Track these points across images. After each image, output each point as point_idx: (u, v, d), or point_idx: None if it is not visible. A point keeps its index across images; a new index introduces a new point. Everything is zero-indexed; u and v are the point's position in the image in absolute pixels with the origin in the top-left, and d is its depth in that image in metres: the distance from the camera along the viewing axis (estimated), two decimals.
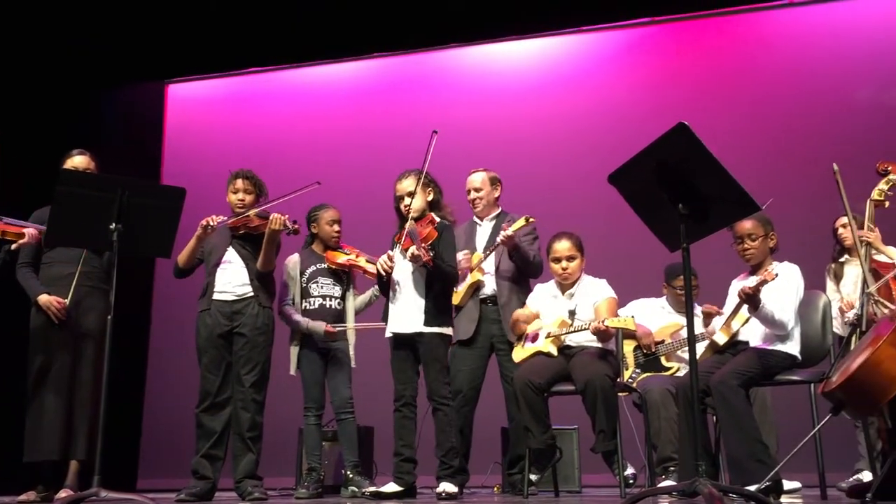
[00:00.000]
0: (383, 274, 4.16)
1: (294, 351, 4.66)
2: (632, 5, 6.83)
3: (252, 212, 4.35)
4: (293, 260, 4.78)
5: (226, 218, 4.36)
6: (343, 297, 4.73)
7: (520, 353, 4.49)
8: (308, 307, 4.68)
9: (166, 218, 3.59)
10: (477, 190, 4.86)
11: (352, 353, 4.69)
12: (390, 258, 4.14)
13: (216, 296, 4.28)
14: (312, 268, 4.73)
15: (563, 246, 4.42)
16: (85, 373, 4.15)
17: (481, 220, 4.89)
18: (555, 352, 4.32)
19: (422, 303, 4.08)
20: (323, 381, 4.68)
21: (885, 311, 3.73)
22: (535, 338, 4.44)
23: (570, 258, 4.41)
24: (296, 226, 4.35)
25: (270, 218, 4.26)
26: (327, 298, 4.69)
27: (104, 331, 3.54)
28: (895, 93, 6.30)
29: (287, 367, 4.65)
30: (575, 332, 4.31)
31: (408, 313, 4.11)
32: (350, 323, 4.73)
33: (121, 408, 5.77)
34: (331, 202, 4.83)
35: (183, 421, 4.64)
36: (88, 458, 4.08)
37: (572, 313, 4.41)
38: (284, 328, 4.65)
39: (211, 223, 4.28)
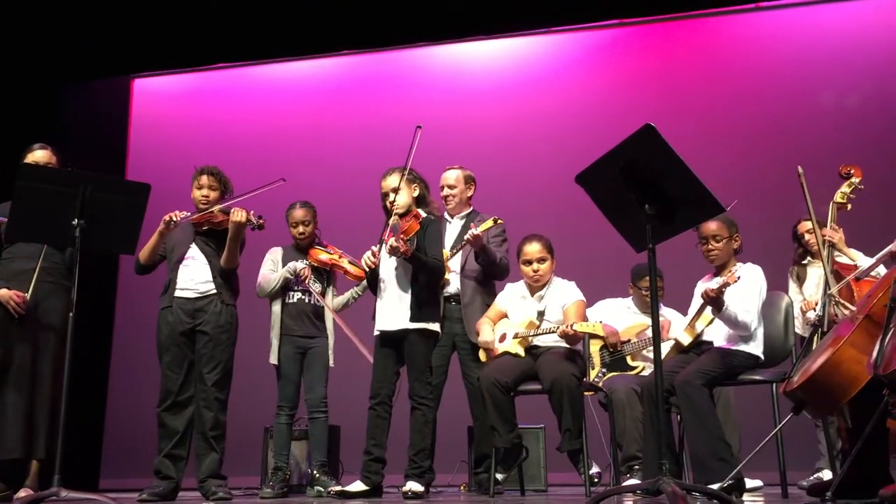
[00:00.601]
0: (366, 269, 4.15)
1: (275, 340, 4.65)
2: (601, 7, 6.87)
3: (216, 207, 4.30)
4: (276, 250, 4.82)
5: (189, 213, 4.30)
6: (323, 294, 4.71)
7: (485, 353, 4.51)
8: (287, 301, 4.69)
9: (130, 214, 3.54)
10: (451, 187, 4.87)
11: (331, 352, 4.67)
12: (374, 254, 4.13)
13: (178, 293, 4.23)
14: (294, 262, 4.73)
15: (533, 248, 4.44)
16: (45, 370, 4.08)
17: (451, 218, 4.90)
18: (522, 352, 4.34)
19: (407, 299, 4.07)
20: (299, 381, 4.66)
21: (846, 312, 3.79)
22: (502, 338, 4.45)
23: (540, 260, 4.43)
24: (261, 220, 4.29)
25: (232, 211, 4.21)
26: (307, 294, 4.68)
27: (65, 327, 3.48)
28: (857, 97, 6.41)
29: (256, 359, 4.61)
30: (542, 333, 4.33)
31: (394, 310, 4.09)
32: (329, 322, 4.72)
33: (83, 406, 5.70)
34: (298, 199, 4.80)
35: (146, 420, 4.57)
36: (49, 456, 4.01)
37: (541, 314, 4.44)
38: (249, 325, 4.60)
39: (173, 218, 4.22)
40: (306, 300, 4.70)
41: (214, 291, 4.23)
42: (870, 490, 2.85)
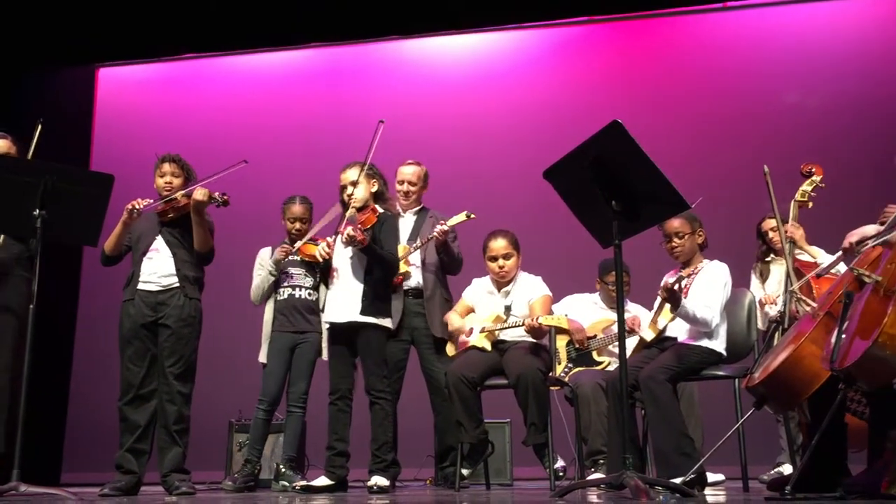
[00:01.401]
0: (320, 260, 4.16)
1: (265, 341, 4.64)
2: (570, 4, 6.90)
3: (178, 193, 4.23)
4: (264, 251, 4.78)
5: (152, 201, 4.24)
6: (316, 289, 4.68)
7: (454, 347, 4.52)
8: (278, 297, 4.68)
9: (94, 205, 3.49)
10: (412, 183, 4.87)
11: (324, 344, 4.62)
12: (329, 245, 4.12)
13: (141, 286, 4.17)
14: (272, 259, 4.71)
15: (499, 244, 4.45)
16: (3, 362, 4.01)
17: (404, 213, 4.90)
18: (489, 347, 4.36)
19: (359, 292, 4.05)
20: (283, 376, 4.63)
21: (807, 308, 3.84)
22: (469, 332, 4.47)
23: (506, 256, 4.45)
24: (224, 196, 4.21)
25: (195, 190, 4.14)
26: (297, 289, 4.67)
27: (25, 320, 3.42)
28: (819, 96, 6.51)
29: (221, 353, 4.58)
30: (509, 328, 4.35)
31: (344, 302, 4.08)
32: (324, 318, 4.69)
33: (44, 399, 5.61)
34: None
35: (109, 413, 4.51)
36: (8, 450, 3.94)
37: (508, 309, 4.46)
38: (216, 318, 4.57)
39: (136, 206, 4.15)
40: (297, 295, 4.66)
41: (178, 284, 4.17)
42: (828, 484, 2.89)
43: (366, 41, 7.37)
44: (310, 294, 4.67)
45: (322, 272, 4.25)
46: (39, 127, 4.24)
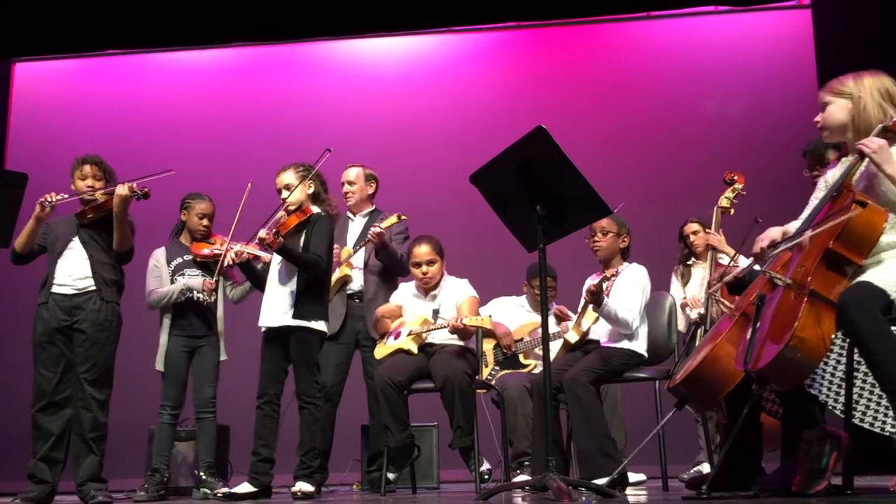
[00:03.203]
0: (229, 263, 4.10)
1: (163, 343, 4.50)
2: (501, 9, 6.94)
3: (98, 193, 4.12)
4: (158, 253, 4.64)
5: (66, 196, 4.10)
6: (215, 290, 4.56)
7: (381, 349, 4.50)
8: (179, 297, 4.52)
9: (7, 204, 3.38)
10: (350, 183, 4.85)
11: (222, 344, 4.55)
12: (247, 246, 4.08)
13: (55, 288, 4.03)
14: (179, 259, 4.58)
15: (422, 250, 4.46)
16: None
17: (354, 216, 4.87)
18: (415, 349, 4.35)
19: (291, 295, 4.00)
20: (184, 380, 4.51)
21: (725, 310, 3.94)
22: (397, 335, 4.45)
23: (429, 262, 4.46)
24: (145, 189, 4.08)
25: (118, 186, 4.01)
26: (194, 291, 4.53)
27: None
28: (740, 105, 6.71)
29: (141, 358, 4.46)
30: (436, 329, 4.35)
31: (277, 305, 4.02)
32: (220, 316, 4.58)
33: None
34: (183, 191, 4.65)
35: (22, 421, 4.36)
36: None
37: (436, 313, 4.47)
38: (135, 323, 4.44)
39: (49, 200, 4.01)
40: (194, 297, 4.53)
41: (94, 288, 4.04)
42: (744, 483, 2.97)
43: (296, 41, 7.29)
44: (208, 295, 4.51)
45: (253, 278, 4.17)
46: None
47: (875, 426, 3.04)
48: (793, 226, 2.91)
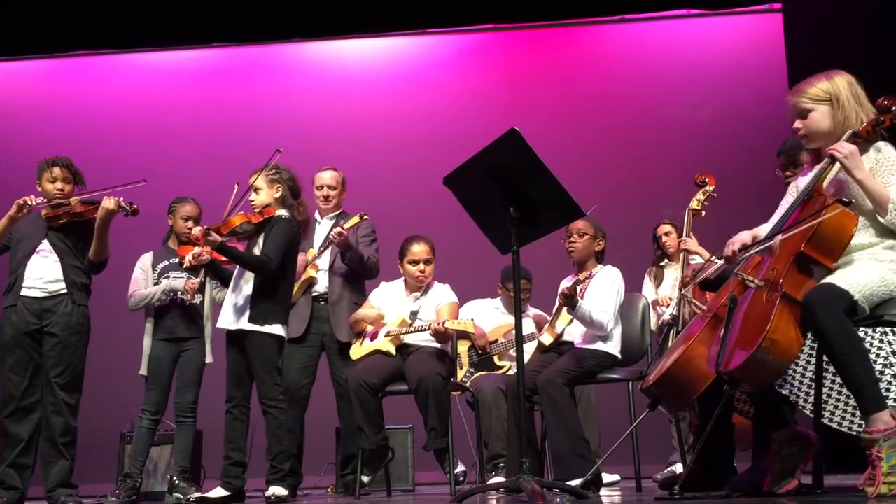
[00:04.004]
0: (188, 263, 4.06)
1: (147, 347, 4.45)
2: (475, 12, 6.95)
3: (74, 199, 4.08)
4: (145, 257, 4.60)
5: (45, 200, 4.07)
6: (201, 290, 4.53)
7: (358, 350, 4.49)
8: (160, 302, 4.48)
9: None
10: (332, 187, 4.83)
11: (208, 347, 4.50)
12: (195, 255, 4.02)
13: (25, 291, 3.98)
14: (164, 262, 4.54)
15: (420, 249, 4.49)
16: None
17: (321, 219, 4.85)
18: (393, 350, 4.35)
19: (248, 299, 3.97)
20: (168, 384, 4.46)
21: (697, 311, 3.98)
22: (374, 336, 4.44)
23: (427, 262, 4.49)
24: (133, 206, 4.10)
25: (104, 198, 4.01)
26: (178, 292, 4.48)
27: None
28: (711, 108, 6.77)
29: (111, 361, 4.41)
30: (414, 331, 4.35)
31: (234, 309, 4.00)
32: (206, 316, 4.54)
33: None
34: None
35: None
36: None
37: (414, 314, 4.47)
38: (106, 326, 4.40)
39: (29, 203, 3.98)
40: (178, 298, 4.47)
41: (65, 291, 4.00)
42: (716, 482, 2.99)
43: (267, 43, 7.24)
44: (191, 297, 4.47)
45: (220, 276, 4.14)
46: None
47: (843, 426, 3.07)
48: (762, 229, 2.93)
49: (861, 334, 2.59)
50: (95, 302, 4.21)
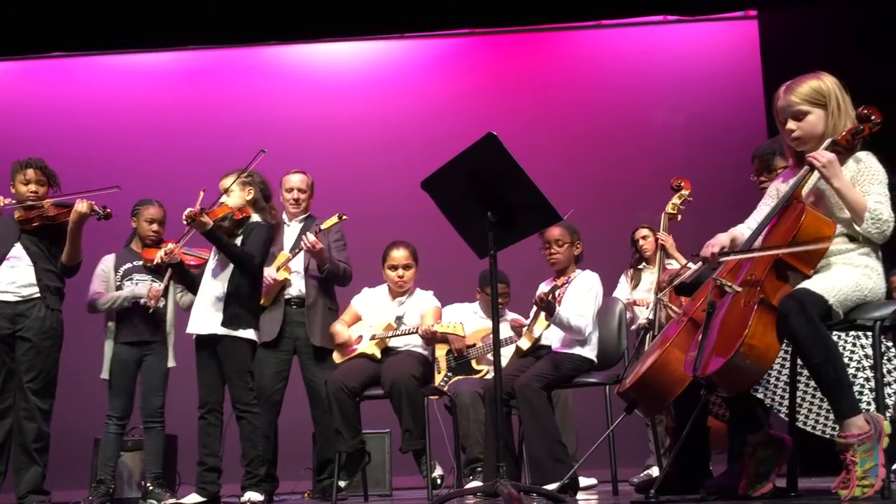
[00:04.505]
0: (160, 260, 4.00)
1: (108, 351, 4.39)
2: (452, 16, 6.95)
3: (47, 202, 4.05)
4: (107, 258, 4.55)
5: (14, 201, 4.03)
6: (165, 295, 4.48)
7: (340, 354, 4.47)
8: (124, 304, 4.42)
9: None
10: (302, 191, 4.81)
11: (171, 351, 4.46)
12: (168, 251, 3.99)
13: None
14: (128, 265, 4.49)
15: (400, 254, 4.48)
16: None
17: (290, 222, 4.82)
18: (378, 354, 4.34)
19: (221, 302, 3.94)
20: (132, 389, 4.41)
21: (673, 314, 4.00)
22: (359, 339, 4.44)
23: (406, 266, 4.49)
24: (107, 210, 4.07)
25: (77, 202, 3.97)
26: (142, 298, 4.42)
27: None
28: (686, 114, 6.83)
29: (85, 366, 4.36)
30: (401, 335, 4.35)
31: (207, 313, 3.97)
32: (170, 322, 4.49)
33: None
34: (133, 197, 4.57)
35: None
36: None
37: (399, 319, 4.47)
38: (78, 331, 4.34)
39: (1, 204, 3.94)
40: (141, 303, 4.42)
41: (38, 295, 3.96)
42: (692, 486, 3.01)
43: (245, 46, 7.20)
44: (155, 303, 4.38)
45: (187, 282, 4.11)
46: None
47: (817, 429, 3.11)
48: (740, 229, 2.95)
49: (835, 338, 2.62)
50: (67, 304, 4.17)
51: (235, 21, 6.71)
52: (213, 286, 3.98)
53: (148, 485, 4.36)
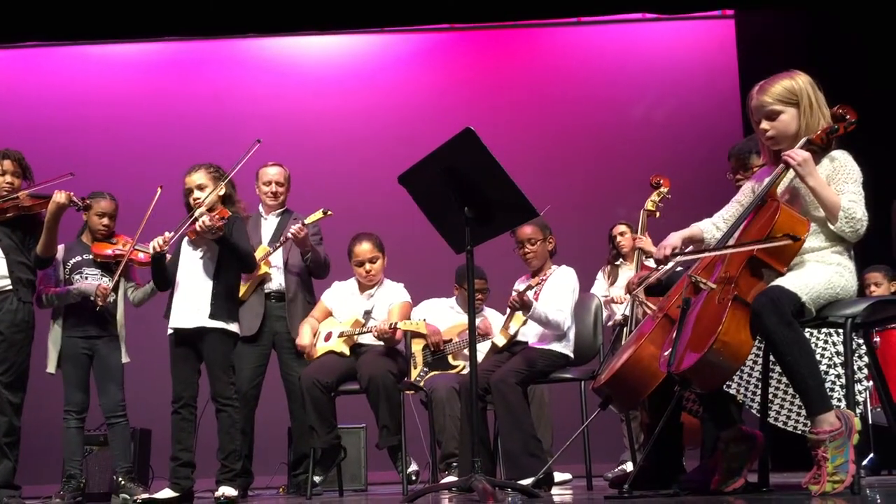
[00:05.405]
0: (154, 251, 3.88)
1: (52, 346, 4.32)
2: (433, 11, 6.94)
3: (22, 193, 3.99)
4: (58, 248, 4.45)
5: None
6: (115, 290, 4.41)
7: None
8: (71, 300, 4.33)
9: None
10: (280, 184, 4.77)
11: (123, 347, 4.41)
12: (165, 240, 3.88)
13: None
14: (77, 258, 4.39)
15: (364, 248, 4.43)
16: None
17: (267, 216, 4.79)
18: (347, 351, 4.32)
19: (208, 296, 3.89)
20: (86, 381, 4.35)
21: (648, 311, 4.01)
22: (328, 337, 4.42)
23: (372, 260, 4.44)
24: (85, 200, 4.03)
25: (55, 192, 3.91)
26: (90, 296, 4.31)
27: None
28: (665, 111, 6.87)
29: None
30: (368, 332, 4.33)
31: (191, 306, 3.90)
32: (120, 318, 4.43)
33: None
34: (94, 188, 4.49)
35: None
36: None
37: (368, 313, 4.44)
38: (43, 323, 4.28)
39: None
40: (91, 298, 4.26)
41: (10, 287, 3.90)
42: (666, 481, 3.03)
43: (223, 37, 7.15)
44: (102, 301, 4.23)
45: (154, 270, 4.06)
46: None
47: (788, 425, 3.14)
48: (700, 225, 2.97)
49: (807, 335, 2.64)
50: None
51: (213, 13, 6.64)
52: (198, 280, 3.92)
53: (119, 479, 4.32)
